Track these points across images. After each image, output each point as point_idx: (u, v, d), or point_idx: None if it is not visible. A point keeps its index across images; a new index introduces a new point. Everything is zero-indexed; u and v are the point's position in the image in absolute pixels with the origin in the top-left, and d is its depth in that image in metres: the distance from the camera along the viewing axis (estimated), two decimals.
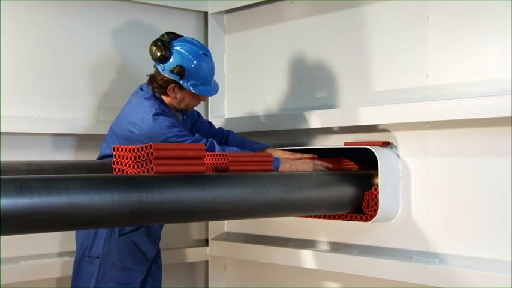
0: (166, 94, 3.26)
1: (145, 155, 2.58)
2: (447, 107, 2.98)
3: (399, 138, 3.28)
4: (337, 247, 3.54)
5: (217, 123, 4.14)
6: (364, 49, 3.49)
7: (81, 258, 3.23)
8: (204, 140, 3.19)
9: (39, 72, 3.67)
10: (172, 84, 3.22)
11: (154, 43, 3.21)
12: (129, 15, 3.94)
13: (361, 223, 3.25)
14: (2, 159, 3.22)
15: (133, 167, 2.62)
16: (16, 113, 3.54)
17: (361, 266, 3.33)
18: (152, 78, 3.27)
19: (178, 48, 3.21)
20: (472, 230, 3.01)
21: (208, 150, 3.11)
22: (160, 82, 3.23)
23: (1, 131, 3.43)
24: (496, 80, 2.96)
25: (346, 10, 3.59)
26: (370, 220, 3.18)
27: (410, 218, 3.22)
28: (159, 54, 3.18)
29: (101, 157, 3.32)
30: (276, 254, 3.76)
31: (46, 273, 3.63)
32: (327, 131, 3.59)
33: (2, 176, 2.11)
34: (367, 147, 3.22)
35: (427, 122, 3.14)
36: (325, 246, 3.61)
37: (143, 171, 2.58)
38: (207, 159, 2.96)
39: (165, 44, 3.19)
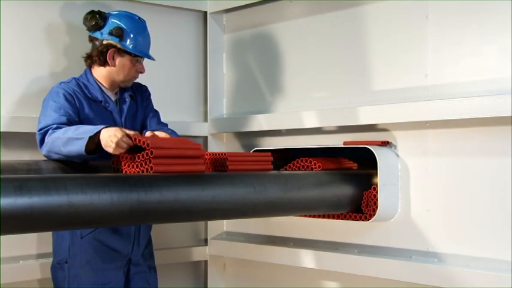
0: (105, 63, 3.27)
1: (145, 155, 2.58)
2: (446, 106, 2.99)
3: (398, 137, 3.28)
4: (336, 246, 3.55)
5: (216, 123, 4.15)
6: (363, 49, 3.49)
7: (54, 265, 3.23)
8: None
9: (39, 71, 3.67)
10: (112, 49, 3.25)
11: (88, 13, 3.30)
12: None
13: (361, 222, 3.25)
14: (1, 159, 3.22)
15: (133, 166, 2.62)
16: (15, 113, 3.53)
17: (360, 265, 3.33)
18: (89, 54, 3.31)
19: (113, 14, 3.31)
20: (471, 230, 3.02)
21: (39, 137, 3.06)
22: (100, 48, 3.26)
23: (1, 131, 3.43)
24: (495, 80, 2.96)
25: (345, 10, 3.59)
26: (369, 220, 3.19)
27: (410, 218, 3.22)
28: (94, 22, 3.26)
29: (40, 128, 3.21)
30: (275, 254, 3.76)
31: (45, 273, 3.62)
32: (326, 130, 3.59)
33: (1, 176, 2.12)
34: (367, 146, 3.23)
35: (426, 122, 3.14)
36: (324, 246, 3.61)
37: (142, 171, 2.58)
38: (206, 159, 2.96)
39: (99, 11, 3.29)
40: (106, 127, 2.82)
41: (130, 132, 2.75)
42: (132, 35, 3.27)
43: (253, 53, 4.11)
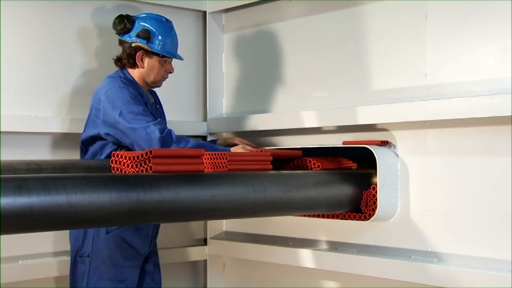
0: (134, 65, 3.35)
1: (144, 154, 2.58)
2: (446, 106, 2.99)
3: (398, 137, 3.28)
4: (335, 246, 3.55)
5: (215, 122, 4.15)
6: (362, 48, 3.49)
7: (74, 259, 3.26)
8: (165, 128, 3.19)
9: (38, 71, 3.67)
10: (141, 51, 3.33)
11: (116, 18, 3.37)
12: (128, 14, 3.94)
13: (360, 222, 3.25)
14: (0, 159, 3.22)
15: (132, 166, 2.62)
16: (15, 112, 3.53)
17: (359, 265, 3.33)
18: (119, 57, 3.39)
19: (140, 17, 3.39)
20: (471, 229, 3.01)
21: (165, 137, 3.13)
22: (128, 51, 3.35)
23: (0, 130, 3.43)
24: (494, 79, 2.96)
25: (345, 9, 3.59)
26: (368, 219, 3.19)
27: (409, 217, 3.22)
28: (122, 25, 3.33)
29: (83, 139, 3.35)
30: (275, 253, 3.76)
31: (45, 273, 3.63)
32: (326, 130, 3.59)
33: (0, 175, 2.11)
34: (366, 146, 3.22)
35: (426, 121, 3.14)
36: (323, 246, 3.61)
37: (142, 171, 2.58)
38: (205, 159, 2.96)
39: (127, 15, 3.36)
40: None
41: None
42: (159, 37, 3.35)
43: (252, 53, 4.11)
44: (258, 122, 3.86)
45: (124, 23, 3.34)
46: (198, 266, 4.37)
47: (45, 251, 3.67)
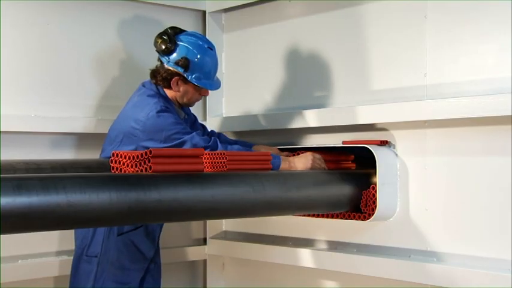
0: (169, 87, 3.28)
1: (144, 154, 2.58)
2: (445, 105, 2.99)
3: (397, 137, 3.28)
4: (335, 246, 3.55)
5: (215, 122, 4.15)
6: (362, 48, 3.49)
7: (80, 257, 3.23)
8: (207, 137, 3.21)
9: (38, 71, 3.67)
10: (176, 77, 3.24)
11: (159, 36, 3.24)
12: (127, 14, 3.94)
13: (359, 222, 3.25)
14: (0, 158, 3.22)
15: (132, 166, 2.62)
16: (14, 112, 3.53)
17: (359, 264, 3.33)
18: (155, 72, 3.29)
19: (183, 41, 3.24)
20: (471, 229, 3.02)
21: (211, 149, 3.12)
22: (164, 75, 3.25)
23: (0, 130, 3.43)
24: (494, 79, 2.96)
25: (344, 9, 3.59)
26: (368, 219, 3.19)
27: (409, 217, 3.23)
28: (163, 46, 3.21)
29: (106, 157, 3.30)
30: (274, 253, 3.77)
31: (44, 272, 3.63)
32: (325, 129, 3.59)
33: (0, 175, 2.11)
34: (366, 146, 3.23)
35: (425, 121, 3.14)
36: (323, 245, 3.61)
37: (141, 170, 2.58)
38: (205, 158, 2.96)
39: (170, 37, 3.22)
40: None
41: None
42: (200, 68, 3.25)
43: (252, 53, 4.11)
44: (257, 122, 3.86)
45: (166, 44, 3.20)
46: (198, 265, 4.37)
47: (45, 250, 3.67)
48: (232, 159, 2.95)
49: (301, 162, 3.27)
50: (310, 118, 3.56)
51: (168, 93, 3.31)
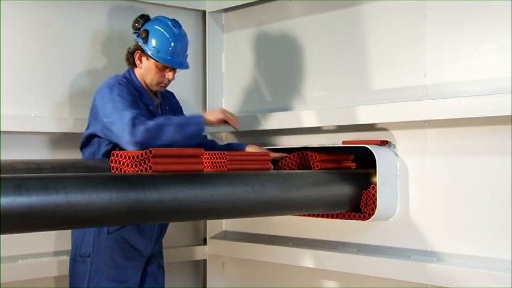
0: (134, 65, 3.32)
1: (143, 154, 2.58)
2: (445, 105, 2.99)
3: (397, 137, 3.28)
4: (335, 246, 3.55)
5: None
6: (362, 48, 3.49)
7: (74, 258, 3.23)
8: (144, 119, 3.06)
9: (37, 71, 3.67)
10: (139, 51, 3.29)
11: (137, 16, 3.35)
12: (127, 14, 3.93)
13: (359, 222, 3.25)
14: (0, 158, 3.22)
15: (132, 166, 2.62)
16: (14, 112, 3.53)
17: (359, 264, 3.33)
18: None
19: (152, 19, 3.34)
20: (471, 229, 3.02)
21: (135, 120, 3.03)
22: (130, 50, 3.32)
23: (0, 130, 3.43)
24: (494, 79, 2.96)
25: (344, 9, 3.59)
26: (368, 219, 3.19)
27: (409, 217, 3.22)
28: (134, 23, 3.32)
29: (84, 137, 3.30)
30: (274, 253, 3.76)
31: (44, 272, 3.62)
32: (325, 129, 3.59)
33: (0, 175, 2.11)
34: (366, 146, 3.23)
35: (425, 121, 3.14)
36: (323, 245, 3.61)
37: (141, 170, 2.58)
38: (205, 158, 2.97)
39: (142, 15, 3.34)
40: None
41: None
42: (156, 39, 3.26)
43: (252, 53, 4.11)
44: (257, 122, 3.86)
45: (136, 21, 3.31)
46: (198, 265, 4.37)
47: (45, 250, 3.66)
48: (232, 159, 2.95)
49: (212, 113, 3.27)
50: (311, 118, 3.56)
51: (136, 72, 3.32)
